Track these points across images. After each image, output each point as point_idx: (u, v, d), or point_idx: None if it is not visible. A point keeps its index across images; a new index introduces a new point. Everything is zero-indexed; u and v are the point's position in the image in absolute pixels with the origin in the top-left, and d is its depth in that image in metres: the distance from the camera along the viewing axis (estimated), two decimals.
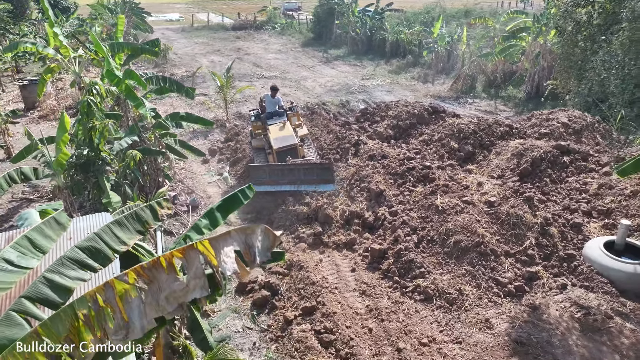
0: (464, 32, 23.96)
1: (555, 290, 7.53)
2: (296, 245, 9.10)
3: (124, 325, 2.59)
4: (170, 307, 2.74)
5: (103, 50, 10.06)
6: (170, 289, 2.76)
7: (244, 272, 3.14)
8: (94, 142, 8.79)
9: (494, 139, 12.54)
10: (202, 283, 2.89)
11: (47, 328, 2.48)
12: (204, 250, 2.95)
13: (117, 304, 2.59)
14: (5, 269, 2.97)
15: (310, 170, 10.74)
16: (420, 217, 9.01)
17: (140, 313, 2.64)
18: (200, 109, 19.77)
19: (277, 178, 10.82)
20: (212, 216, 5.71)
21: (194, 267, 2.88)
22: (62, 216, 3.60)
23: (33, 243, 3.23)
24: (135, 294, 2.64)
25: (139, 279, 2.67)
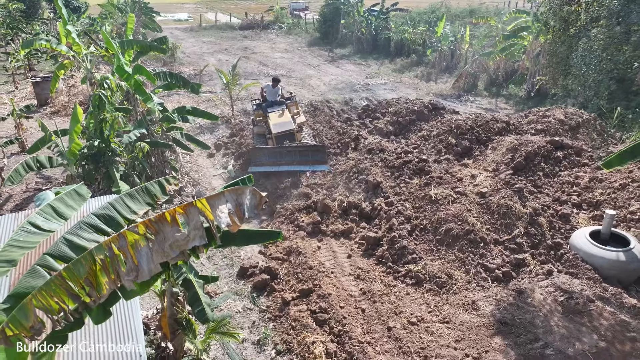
0: (466, 32, 24.25)
1: (542, 276, 7.88)
2: (295, 233, 9.53)
3: (135, 268, 3.03)
4: (173, 253, 3.18)
5: (113, 47, 10.55)
6: (174, 238, 3.19)
7: (235, 226, 3.56)
8: (105, 134, 9.27)
9: (491, 134, 12.88)
10: (200, 233, 3.33)
11: (70, 271, 2.91)
12: (202, 207, 3.38)
13: (129, 251, 3.03)
14: (31, 232, 3.42)
15: (305, 152, 11.71)
16: (415, 207, 9.40)
17: (148, 259, 3.08)
18: (206, 106, 20.25)
19: (276, 159, 11.77)
20: None
21: (193, 221, 3.31)
22: (82, 188, 4.06)
23: (56, 210, 3.68)
24: (144, 243, 3.08)
25: (148, 231, 3.11)
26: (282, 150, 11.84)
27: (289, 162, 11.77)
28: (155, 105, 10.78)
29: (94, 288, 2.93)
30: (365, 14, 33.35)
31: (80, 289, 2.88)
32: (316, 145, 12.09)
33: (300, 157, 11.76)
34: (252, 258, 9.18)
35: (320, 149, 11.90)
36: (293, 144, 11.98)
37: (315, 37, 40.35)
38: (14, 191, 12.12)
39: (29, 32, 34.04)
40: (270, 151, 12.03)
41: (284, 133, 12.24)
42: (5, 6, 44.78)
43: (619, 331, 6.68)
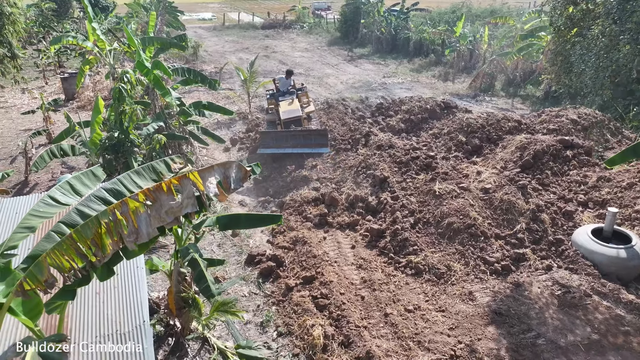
0: (485, 32, 24.18)
1: (541, 270, 8.01)
2: (303, 224, 9.86)
3: (135, 231, 3.41)
4: (169, 218, 3.56)
5: (135, 44, 11.08)
6: (169, 205, 3.56)
7: (222, 196, 3.91)
8: (124, 126, 9.78)
9: (501, 133, 12.95)
10: (192, 201, 3.69)
11: (79, 233, 3.31)
12: (194, 178, 3.75)
13: (130, 216, 3.41)
14: (50, 204, 3.84)
15: (308, 136, 12.83)
16: (419, 201, 9.62)
17: (147, 223, 3.46)
18: (225, 102, 20.79)
19: (282, 142, 12.85)
20: None
21: (186, 190, 3.67)
22: (97, 170, 4.49)
23: (73, 187, 4.10)
24: (143, 209, 3.46)
25: (147, 199, 3.49)
26: (287, 134, 12.86)
27: (294, 144, 12.75)
28: (173, 99, 11.28)
29: (99, 249, 3.33)
30: (385, 13, 33.48)
31: (87, 249, 3.28)
32: (318, 130, 13.08)
33: (304, 140, 12.74)
34: (260, 247, 9.55)
35: (322, 133, 12.88)
36: (297, 129, 12.99)
37: (336, 36, 40.64)
38: (41, 179, 12.82)
39: (60, 31, 35.33)
40: (277, 135, 13.03)
41: (291, 119, 13.27)
42: (38, 5, 46.55)
43: (613, 325, 6.78)
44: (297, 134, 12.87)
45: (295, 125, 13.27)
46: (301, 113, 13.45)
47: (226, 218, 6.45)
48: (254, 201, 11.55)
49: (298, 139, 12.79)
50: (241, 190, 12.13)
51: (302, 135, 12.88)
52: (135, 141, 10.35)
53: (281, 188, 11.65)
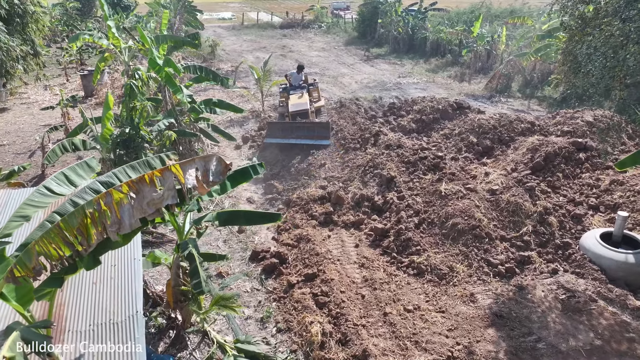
0: (503, 32, 23.83)
1: (546, 274, 7.87)
2: (308, 222, 9.89)
3: (117, 221, 3.50)
4: (150, 210, 3.64)
5: (147, 41, 11.28)
6: (151, 197, 3.63)
7: (202, 188, 3.97)
8: (134, 122, 9.97)
9: (514, 134, 12.77)
10: (173, 193, 3.76)
11: (65, 222, 3.42)
12: (176, 171, 3.81)
13: (114, 207, 3.50)
14: (45, 194, 3.97)
15: (312, 128, 13.44)
16: (425, 201, 9.55)
17: (130, 214, 3.54)
18: (239, 101, 20.98)
19: (287, 133, 13.46)
20: (223, 183, 6.60)
21: (167, 182, 3.74)
22: (92, 161, 4.60)
23: (68, 178, 4.22)
24: (127, 200, 3.54)
25: (130, 190, 3.57)
26: (292, 126, 13.53)
27: (298, 136, 13.34)
28: (185, 96, 11.44)
29: (85, 238, 3.43)
30: (403, 13, 33.28)
31: (74, 238, 3.38)
32: (320, 122, 13.68)
33: (307, 132, 13.32)
34: (265, 243, 9.62)
35: (324, 126, 13.44)
36: (302, 121, 13.63)
37: (353, 36, 40.58)
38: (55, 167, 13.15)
39: (82, 29, 36.13)
40: (283, 126, 13.75)
41: (298, 112, 13.88)
42: (63, 4, 47.72)
43: (618, 331, 6.63)
44: (301, 126, 13.41)
45: (301, 118, 13.81)
46: (309, 107, 13.93)
47: (226, 214, 6.53)
48: (262, 198, 11.64)
49: (302, 131, 13.34)
50: (250, 187, 12.24)
51: (306, 127, 13.40)
52: (145, 137, 10.53)
53: (289, 186, 11.71)
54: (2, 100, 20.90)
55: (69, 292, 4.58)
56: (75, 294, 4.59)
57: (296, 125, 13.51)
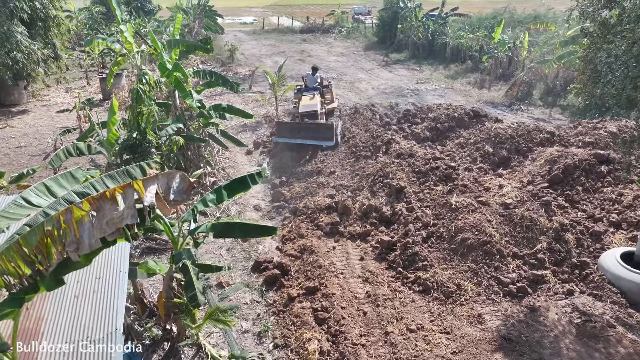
0: (525, 38, 23.19)
1: (561, 295, 7.42)
2: (313, 232, 9.62)
3: (76, 241, 3.31)
4: (109, 229, 3.43)
5: (158, 46, 11.23)
6: (111, 215, 3.43)
7: (163, 207, 3.75)
8: (141, 126, 9.90)
9: (532, 145, 12.29)
10: (132, 212, 3.54)
11: (25, 240, 3.25)
12: (138, 188, 3.60)
13: (73, 225, 3.32)
14: (22, 205, 3.82)
15: (317, 128, 13.75)
16: (434, 214, 9.18)
17: (90, 233, 3.35)
18: (254, 106, 20.93)
19: (295, 133, 13.80)
20: (219, 193, 6.41)
21: (128, 200, 3.53)
22: (77, 172, 4.44)
23: (49, 189, 4.07)
24: (87, 218, 3.35)
25: (91, 207, 3.38)
26: (300, 126, 13.88)
27: (304, 136, 13.69)
28: (194, 101, 11.34)
29: (45, 257, 3.25)
30: (423, 18, 32.82)
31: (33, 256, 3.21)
32: (325, 124, 13.94)
33: (313, 132, 13.69)
34: (269, 253, 9.39)
35: (329, 127, 13.71)
36: (308, 122, 13.92)
37: (373, 41, 40.28)
38: None
39: (106, 33, 36.76)
40: (291, 126, 14.11)
41: (307, 113, 14.07)
42: (89, 9, 48.80)
43: None
44: (307, 127, 13.74)
45: (310, 119, 14.05)
46: (318, 108, 14.08)
47: (221, 225, 6.32)
48: (269, 205, 11.44)
49: (308, 131, 13.69)
50: (257, 194, 12.06)
51: (312, 128, 13.74)
52: (153, 142, 10.46)
53: (297, 194, 11.47)
54: (24, 102, 21.32)
55: (49, 306, 4.43)
56: (56, 307, 4.43)
57: (303, 126, 13.84)
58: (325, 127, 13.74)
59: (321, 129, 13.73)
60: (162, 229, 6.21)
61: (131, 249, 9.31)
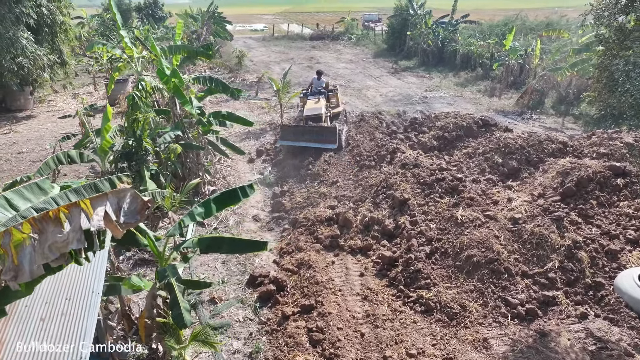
0: (537, 45, 22.66)
1: (573, 318, 6.92)
2: (312, 245, 9.22)
3: (14, 268, 2.96)
4: (53, 255, 3.07)
5: (157, 51, 11.00)
6: (54, 239, 3.08)
7: (115, 230, 3.38)
8: (137, 134, 9.62)
9: (543, 156, 11.77)
10: (78, 236, 3.18)
11: None
12: (85, 207, 3.25)
13: (11, 249, 2.97)
14: None
15: (320, 132, 13.80)
16: (439, 228, 8.72)
17: (31, 259, 3.00)
18: (259, 113, 20.67)
19: (298, 136, 13.91)
20: (208, 206, 6.05)
21: (74, 222, 3.18)
22: (45, 183, 4.11)
23: (9, 202, 3.74)
24: (29, 242, 3.01)
25: (33, 229, 3.03)
26: (304, 129, 13.98)
27: (307, 139, 13.81)
28: (194, 108, 11.06)
29: None
30: (433, 25, 32.42)
31: None
32: (328, 127, 14.04)
33: (316, 135, 13.78)
34: (266, 267, 9.01)
35: (332, 131, 13.82)
36: (311, 125, 14.02)
37: (382, 48, 39.96)
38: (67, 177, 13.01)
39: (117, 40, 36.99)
40: (295, 129, 14.26)
41: (311, 116, 14.21)
42: (101, 16, 49.25)
43: None
44: (311, 130, 13.85)
45: (314, 122, 14.16)
46: (322, 112, 14.24)
47: (208, 240, 5.96)
48: (269, 216, 11.06)
49: (311, 134, 13.82)
50: (257, 204, 11.71)
51: (315, 131, 13.84)
52: (149, 149, 10.18)
53: (297, 204, 11.09)
54: (30, 107, 21.30)
55: (12, 329, 4.08)
56: (19, 331, 4.09)
57: (307, 129, 13.96)
58: (329, 131, 13.83)
59: (324, 132, 13.82)
60: (147, 244, 5.87)
61: (120, 261, 9.02)
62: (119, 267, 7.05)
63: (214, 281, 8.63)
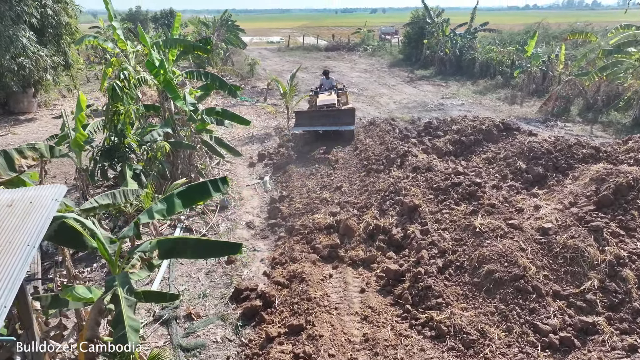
0: (562, 50, 21.40)
1: (620, 351, 5.63)
2: (308, 255, 8.10)
3: None
4: None
5: (147, 42, 10.17)
6: None
7: None
8: (118, 128, 8.72)
9: (573, 161, 10.51)
10: None
11: None
12: None
13: None
14: None
15: (337, 115, 14.09)
16: (454, 238, 7.51)
17: None
18: (266, 118, 19.77)
19: (314, 121, 14.17)
20: (171, 202, 5.04)
21: None
22: None
23: None
24: None
25: None
26: (319, 114, 14.21)
27: (324, 123, 14.02)
28: (187, 104, 10.16)
29: None
30: (451, 34, 31.37)
31: None
32: (347, 110, 14.43)
33: (333, 119, 14.00)
34: (254, 279, 7.92)
35: (350, 113, 14.17)
36: (329, 109, 14.24)
37: (398, 58, 39.10)
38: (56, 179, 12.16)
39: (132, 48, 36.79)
40: (310, 114, 14.49)
41: (326, 105, 14.45)
42: None
43: None
44: (327, 114, 14.06)
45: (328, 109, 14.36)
46: (335, 102, 14.66)
47: (170, 243, 4.91)
48: (264, 223, 10.00)
49: (328, 118, 13.97)
50: (253, 210, 10.68)
51: (332, 115, 14.03)
52: (132, 146, 9.27)
53: (296, 210, 10.01)
54: (33, 110, 20.78)
55: None
56: None
57: (323, 114, 14.10)
58: (346, 113, 14.11)
59: (341, 115, 14.07)
60: (96, 246, 4.85)
61: (94, 268, 8.03)
62: (76, 275, 6.03)
63: (196, 294, 7.58)
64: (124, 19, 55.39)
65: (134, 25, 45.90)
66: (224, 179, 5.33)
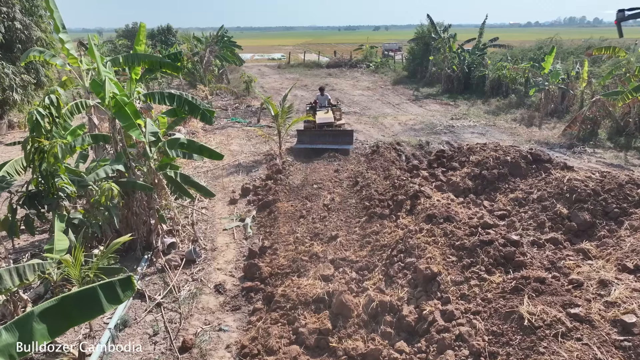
0: (584, 67, 19.41)
1: None
2: (289, 345, 5.93)
3: None
4: None
5: (95, 57, 8.22)
6: None
7: None
8: (41, 169, 6.67)
9: (626, 205, 8.39)
10: None
11: None
12: None
13: None
14: None
15: (337, 135, 15.34)
16: (492, 331, 5.34)
17: None
18: (256, 142, 17.74)
19: (315, 139, 15.35)
20: (26, 330, 2.91)
21: None
22: None
23: None
24: None
25: None
26: (320, 132, 15.42)
27: (324, 141, 15.12)
28: (146, 135, 8.12)
29: None
30: (459, 49, 29.53)
31: None
32: (345, 130, 15.70)
33: (332, 138, 15.22)
34: None
35: (348, 133, 15.45)
36: (329, 128, 15.52)
37: (402, 75, 37.34)
38: None
39: None
40: (312, 133, 15.65)
41: (325, 123, 15.62)
42: (113, 41, 48.27)
43: None
44: (327, 133, 15.35)
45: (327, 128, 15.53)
46: (333, 120, 15.89)
47: None
48: (238, 286, 7.85)
49: (328, 137, 15.23)
50: (227, 266, 8.54)
51: (332, 134, 15.32)
52: (65, 190, 7.20)
53: (279, 269, 7.87)
54: (2, 133, 18.90)
55: None
56: None
57: (323, 132, 15.37)
58: (345, 133, 15.40)
59: (340, 134, 15.30)
60: None
61: None
62: None
63: None
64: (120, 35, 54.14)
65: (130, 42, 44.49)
66: (127, 280, 3.22)
